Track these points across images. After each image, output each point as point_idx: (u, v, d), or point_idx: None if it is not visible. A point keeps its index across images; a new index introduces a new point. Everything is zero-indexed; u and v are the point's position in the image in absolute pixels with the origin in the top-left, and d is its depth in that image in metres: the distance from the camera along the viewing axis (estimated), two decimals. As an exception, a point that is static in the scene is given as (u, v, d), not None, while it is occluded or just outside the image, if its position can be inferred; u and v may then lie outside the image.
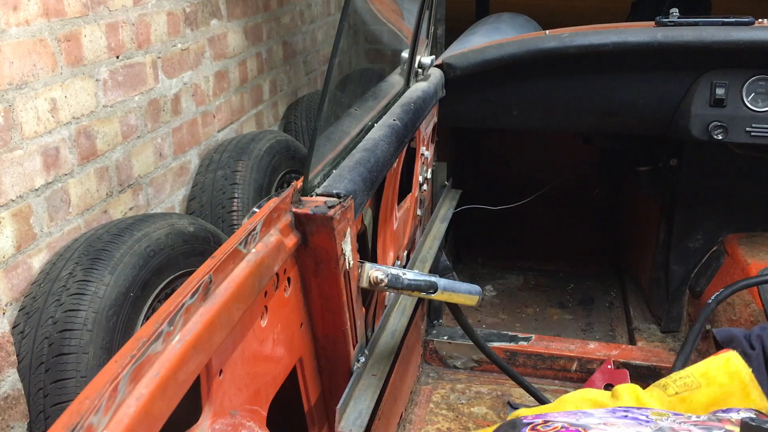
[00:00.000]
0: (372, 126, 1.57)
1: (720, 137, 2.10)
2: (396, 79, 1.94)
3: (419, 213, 2.06)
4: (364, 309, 1.39)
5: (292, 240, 1.11)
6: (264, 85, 3.35)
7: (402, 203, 1.87)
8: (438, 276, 1.35)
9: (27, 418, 1.70)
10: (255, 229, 1.01)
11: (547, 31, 2.25)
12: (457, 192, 2.43)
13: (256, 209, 1.16)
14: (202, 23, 2.72)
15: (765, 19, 2.15)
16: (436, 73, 2.18)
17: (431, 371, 2.40)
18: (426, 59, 2.04)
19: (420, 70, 2.04)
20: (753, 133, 2.08)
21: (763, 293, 2.04)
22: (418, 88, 1.95)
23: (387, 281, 1.26)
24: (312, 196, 1.19)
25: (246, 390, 1.00)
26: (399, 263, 1.83)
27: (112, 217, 2.17)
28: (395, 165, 1.69)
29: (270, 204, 1.08)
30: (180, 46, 2.57)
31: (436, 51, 2.49)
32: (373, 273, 1.26)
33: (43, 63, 1.88)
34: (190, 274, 0.91)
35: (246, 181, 2.54)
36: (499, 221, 2.89)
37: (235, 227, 2.45)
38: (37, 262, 1.86)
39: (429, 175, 2.18)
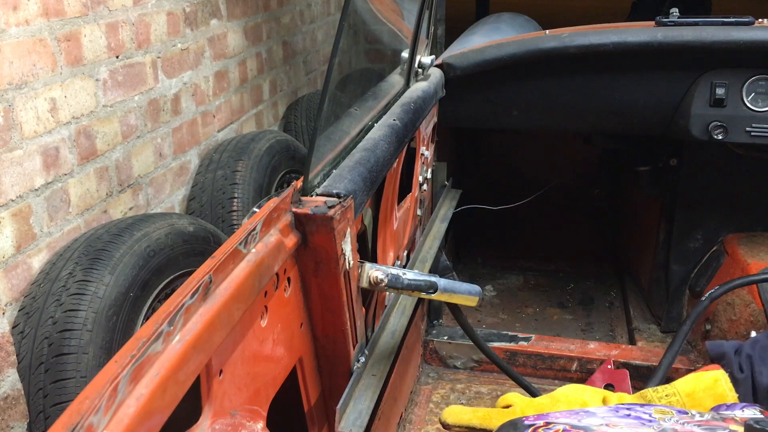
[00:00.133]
0: (372, 126, 1.57)
1: (720, 137, 2.10)
2: (396, 79, 1.93)
3: (419, 213, 2.06)
4: (364, 309, 1.39)
5: (292, 240, 1.11)
6: (264, 85, 3.35)
7: (402, 203, 1.87)
8: (438, 276, 1.35)
9: (27, 418, 1.70)
10: (255, 229, 1.01)
11: (547, 31, 2.25)
12: (457, 192, 2.43)
13: (256, 209, 1.16)
14: (202, 23, 2.72)
15: (765, 19, 2.15)
16: (436, 73, 2.18)
17: (431, 371, 2.40)
18: (426, 59, 2.03)
19: (420, 70, 2.04)
20: (753, 133, 2.08)
21: (763, 293, 2.03)
22: (418, 88, 1.95)
23: (387, 281, 1.26)
24: (312, 196, 1.19)
25: (246, 390, 1.00)
26: (399, 263, 1.83)
27: (111, 217, 2.17)
28: (395, 165, 1.69)
29: (270, 204, 1.08)
30: (180, 46, 2.57)
31: (436, 51, 2.49)
32: (373, 273, 1.26)
33: (43, 63, 1.87)
34: (190, 274, 0.91)
35: (246, 181, 2.54)
36: (499, 221, 2.89)
37: (235, 227, 2.45)
38: (37, 262, 1.86)
39: (429, 175, 2.18)
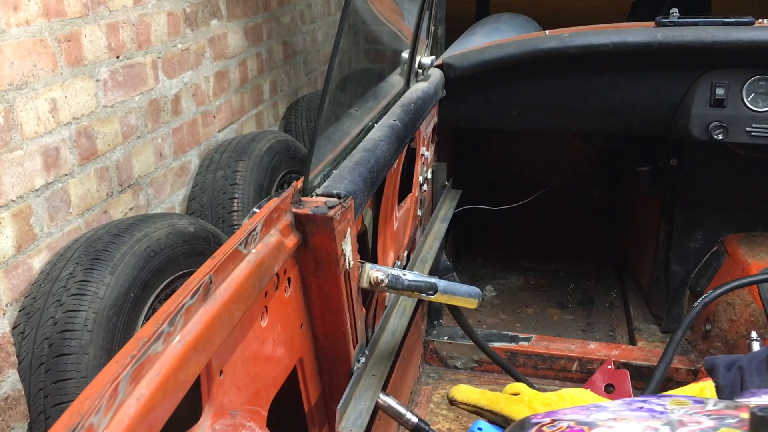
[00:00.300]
0: (372, 126, 1.57)
1: (720, 137, 2.10)
2: (396, 80, 1.93)
3: (419, 213, 2.06)
4: (364, 309, 1.39)
5: (292, 240, 1.11)
6: (264, 86, 3.35)
7: (402, 203, 1.87)
8: (438, 277, 1.35)
9: (27, 418, 1.70)
10: (255, 230, 1.01)
11: (547, 31, 2.25)
12: (458, 192, 2.43)
13: (256, 209, 1.16)
14: (202, 23, 2.72)
15: (765, 19, 2.15)
16: (436, 74, 2.18)
17: (431, 371, 2.40)
18: (426, 59, 2.03)
19: (420, 70, 2.04)
20: (753, 133, 2.08)
21: (764, 293, 2.04)
22: (418, 88, 1.95)
23: (387, 282, 1.26)
24: (312, 196, 1.19)
25: (246, 390, 1.00)
26: (399, 263, 1.83)
27: (112, 218, 2.17)
28: (395, 165, 1.69)
29: (270, 204, 1.08)
30: (180, 46, 2.57)
31: (436, 51, 2.49)
32: (374, 273, 1.26)
33: (44, 63, 1.88)
34: (190, 274, 0.91)
35: (246, 182, 2.54)
36: (499, 221, 2.89)
37: (236, 227, 2.45)
38: (38, 262, 1.86)
39: (429, 176, 2.18)
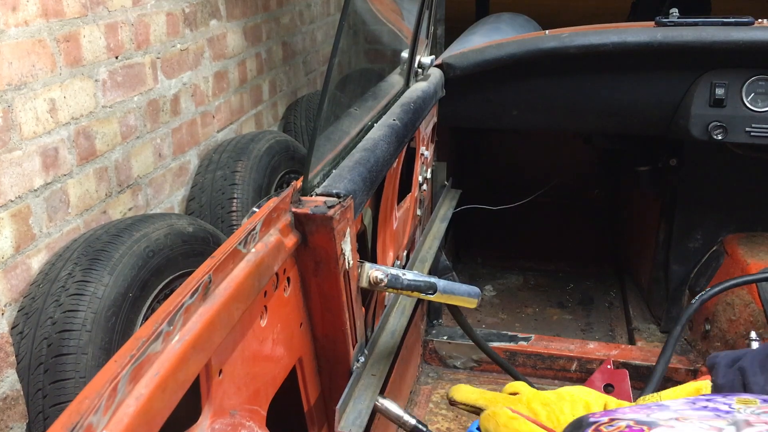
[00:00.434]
0: (372, 126, 1.57)
1: (720, 137, 2.09)
2: (396, 79, 1.93)
3: (419, 213, 2.06)
4: (363, 309, 1.39)
5: (291, 240, 1.11)
6: (263, 86, 3.35)
7: (402, 203, 1.87)
8: (438, 277, 1.35)
9: (26, 418, 1.70)
10: (254, 229, 1.01)
11: (547, 31, 2.25)
12: (457, 192, 2.43)
13: (255, 209, 1.16)
14: (201, 24, 2.72)
15: (765, 19, 2.15)
16: (435, 73, 2.18)
17: (431, 371, 2.40)
18: (426, 59, 2.03)
19: (420, 70, 2.04)
20: (753, 133, 2.08)
21: (763, 293, 2.03)
22: (417, 88, 1.95)
23: (386, 281, 1.26)
24: (312, 196, 1.19)
25: (246, 390, 0.99)
26: (399, 263, 1.82)
27: (111, 218, 2.17)
28: (395, 165, 1.68)
29: (269, 204, 1.08)
30: (179, 46, 2.56)
31: (436, 51, 2.49)
32: (373, 273, 1.26)
33: (42, 63, 1.87)
34: (189, 274, 0.91)
35: (245, 182, 2.54)
36: (499, 221, 2.89)
37: (235, 227, 2.45)
38: (36, 262, 1.86)
39: (429, 175, 2.18)
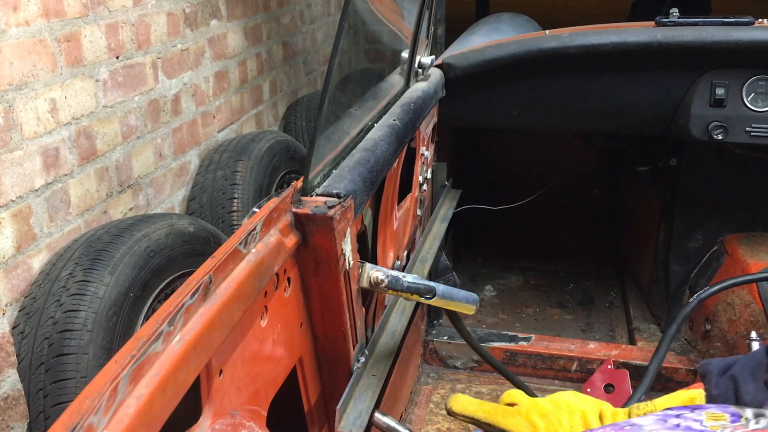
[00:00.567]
0: (372, 126, 1.57)
1: (720, 137, 2.10)
2: (396, 79, 1.93)
3: (419, 213, 2.06)
4: (364, 309, 1.39)
5: (292, 240, 1.11)
6: (264, 86, 3.35)
7: (402, 203, 1.87)
8: (438, 277, 1.35)
9: (27, 418, 1.70)
10: (255, 229, 1.01)
11: (547, 31, 2.25)
12: (457, 192, 2.43)
13: (256, 209, 1.16)
14: (201, 24, 2.72)
15: (765, 19, 2.15)
16: (436, 73, 2.18)
17: (431, 371, 2.40)
18: (426, 59, 2.03)
19: (420, 70, 2.04)
20: (753, 133, 2.08)
21: (763, 293, 2.04)
22: (418, 88, 1.95)
23: (387, 282, 1.26)
24: (312, 196, 1.19)
25: (246, 390, 1.00)
26: (399, 263, 1.82)
27: (112, 218, 2.17)
28: (395, 165, 1.68)
29: (270, 204, 1.08)
30: (180, 46, 2.57)
31: (436, 51, 2.49)
32: (374, 273, 1.26)
33: (43, 63, 1.88)
34: (189, 274, 0.91)
35: (246, 182, 2.54)
36: (499, 221, 2.89)
37: (235, 227, 2.45)
38: (37, 262, 1.86)
39: (429, 175, 2.18)
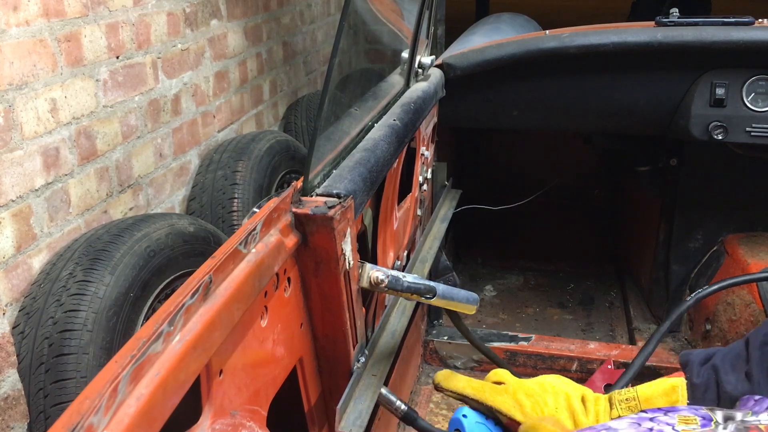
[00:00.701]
0: (372, 126, 1.57)
1: (720, 137, 2.10)
2: (396, 79, 1.93)
3: (419, 213, 2.06)
4: (364, 309, 1.39)
5: (292, 240, 1.11)
6: (264, 86, 3.35)
7: (402, 203, 1.87)
8: (438, 277, 1.35)
9: (27, 418, 1.70)
10: (255, 229, 1.01)
11: (547, 31, 2.25)
12: (457, 192, 2.43)
13: (256, 209, 1.16)
14: (202, 23, 2.72)
15: (765, 19, 2.15)
16: (436, 73, 2.18)
17: (431, 371, 2.40)
18: (426, 59, 2.03)
19: (420, 70, 2.04)
20: (753, 133, 2.08)
21: (763, 293, 2.04)
22: (418, 88, 1.95)
23: (387, 282, 1.26)
24: (312, 196, 1.19)
25: (246, 390, 1.00)
26: (399, 263, 1.82)
27: (112, 218, 2.17)
28: (395, 165, 1.68)
29: (270, 204, 1.08)
30: (180, 46, 2.57)
31: (436, 51, 2.49)
32: (374, 273, 1.26)
33: (43, 63, 1.88)
34: (190, 274, 0.91)
35: (246, 182, 2.54)
36: (499, 221, 2.89)
37: (235, 227, 2.45)
38: (37, 262, 1.86)
39: (429, 175, 2.18)
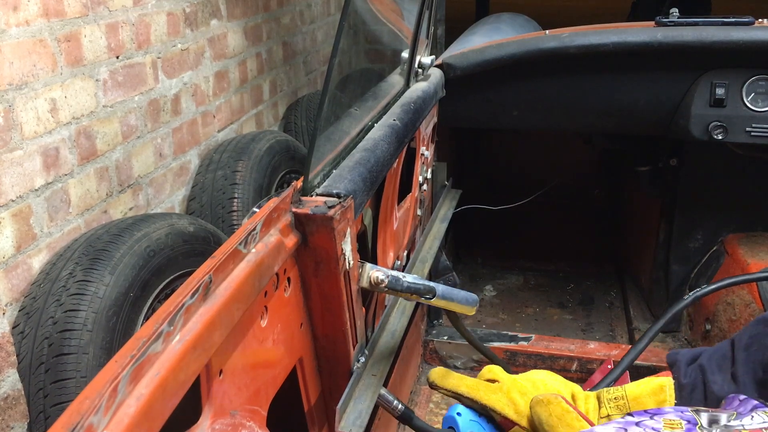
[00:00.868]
0: (372, 126, 1.57)
1: (720, 137, 2.10)
2: (396, 79, 1.93)
3: (419, 213, 2.06)
4: (364, 309, 1.39)
5: (292, 240, 1.11)
6: (264, 86, 3.35)
7: (402, 203, 1.87)
8: (438, 277, 1.35)
9: (27, 418, 1.70)
10: (255, 229, 1.01)
11: (547, 31, 2.25)
12: (457, 192, 2.43)
13: (256, 209, 1.16)
14: (202, 23, 2.72)
15: (765, 19, 2.15)
16: (436, 73, 2.18)
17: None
18: (426, 59, 2.03)
19: (420, 70, 2.04)
20: (753, 133, 2.08)
21: (763, 293, 2.04)
22: (418, 88, 1.95)
23: (387, 282, 1.26)
24: (312, 196, 1.19)
25: (246, 390, 1.00)
26: (399, 263, 1.82)
27: (112, 218, 2.17)
28: (395, 165, 1.68)
29: (270, 204, 1.08)
30: (180, 46, 2.57)
31: (436, 51, 2.49)
32: (374, 273, 1.26)
33: (43, 63, 1.88)
34: (190, 274, 0.91)
35: (246, 182, 2.54)
36: (499, 221, 2.89)
37: (235, 227, 2.45)
38: (37, 262, 1.86)
39: (429, 175, 2.18)
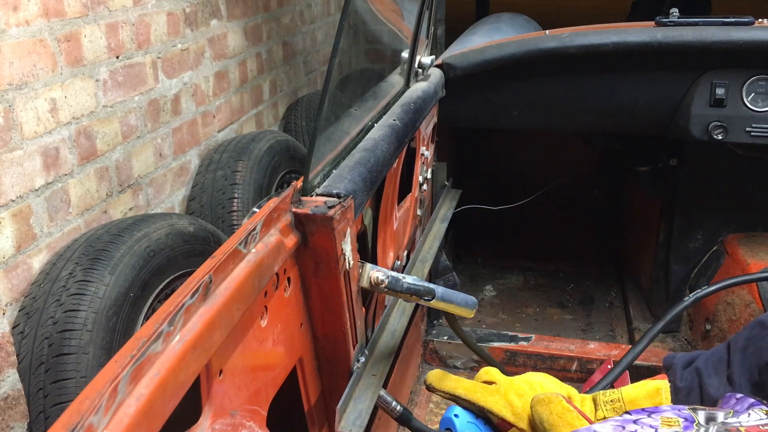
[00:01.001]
0: (372, 126, 1.57)
1: (720, 137, 2.10)
2: (396, 79, 1.93)
3: (419, 213, 2.06)
4: (364, 309, 1.39)
5: (292, 240, 1.11)
6: (264, 86, 3.35)
7: (402, 203, 1.87)
8: (437, 277, 1.35)
9: (27, 418, 1.70)
10: (255, 229, 1.01)
11: (547, 31, 2.25)
12: (457, 192, 2.43)
13: (256, 209, 1.16)
14: (202, 23, 2.72)
15: (765, 19, 2.15)
16: (436, 73, 2.18)
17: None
18: (426, 59, 2.03)
19: (420, 70, 2.04)
20: (753, 133, 2.08)
21: (763, 293, 2.04)
22: (418, 88, 1.95)
23: (387, 282, 1.26)
24: (312, 196, 1.19)
25: (246, 390, 1.00)
26: (399, 263, 1.82)
27: (112, 218, 2.17)
28: (395, 165, 1.69)
29: (270, 204, 1.08)
30: (180, 46, 2.57)
31: (436, 51, 2.49)
32: (374, 274, 1.26)
33: (43, 63, 1.88)
34: (190, 274, 0.91)
35: (246, 182, 2.54)
36: (499, 221, 2.89)
37: (235, 227, 2.45)
38: (37, 262, 1.86)
39: (429, 175, 2.18)
